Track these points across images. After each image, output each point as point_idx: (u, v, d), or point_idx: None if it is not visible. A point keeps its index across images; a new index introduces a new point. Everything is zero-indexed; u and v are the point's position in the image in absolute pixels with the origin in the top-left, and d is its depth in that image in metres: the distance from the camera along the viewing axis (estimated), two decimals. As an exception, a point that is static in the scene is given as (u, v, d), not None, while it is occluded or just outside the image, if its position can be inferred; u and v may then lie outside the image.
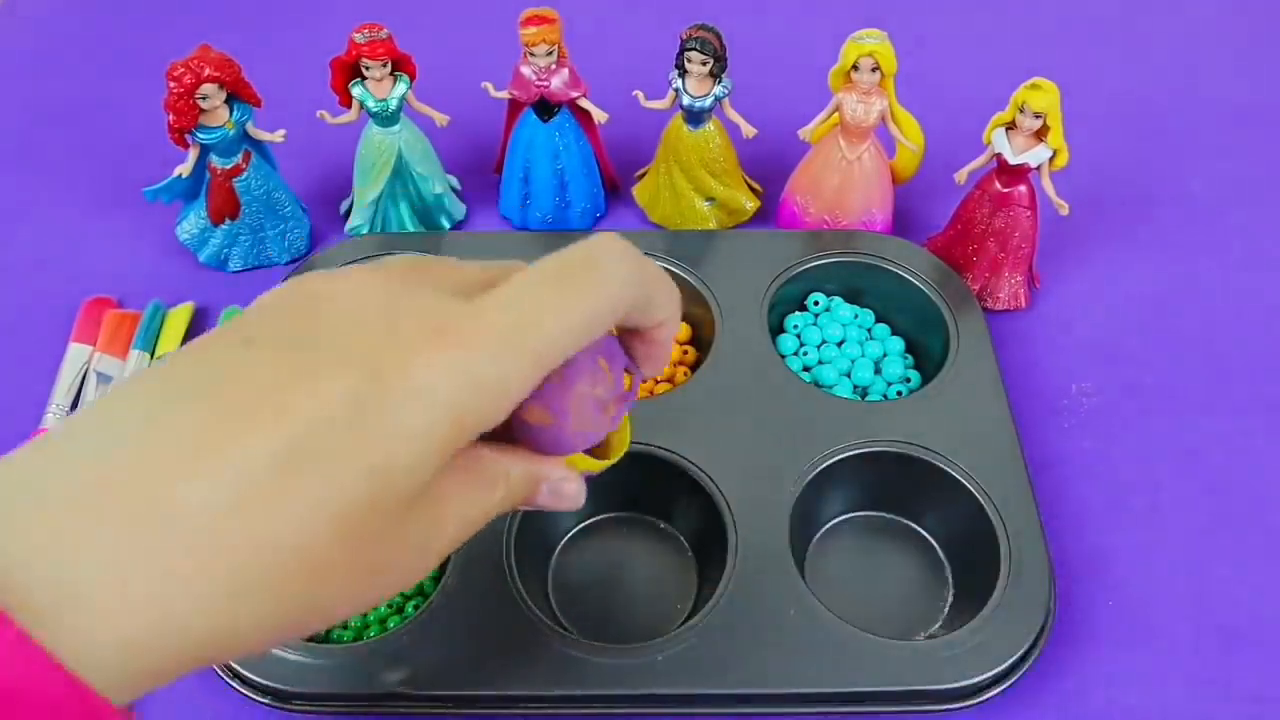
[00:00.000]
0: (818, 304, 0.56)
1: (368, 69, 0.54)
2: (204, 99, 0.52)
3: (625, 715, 0.42)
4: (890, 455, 0.47)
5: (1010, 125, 0.52)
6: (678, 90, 0.55)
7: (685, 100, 0.55)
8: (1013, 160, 0.52)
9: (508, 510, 0.28)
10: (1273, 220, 0.63)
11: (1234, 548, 0.48)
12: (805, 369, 0.53)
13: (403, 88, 0.55)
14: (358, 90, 0.55)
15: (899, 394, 0.52)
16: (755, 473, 0.46)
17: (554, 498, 0.29)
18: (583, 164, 0.59)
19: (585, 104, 0.57)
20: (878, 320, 0.56)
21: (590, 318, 0.26)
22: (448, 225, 0.61)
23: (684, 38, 0.54)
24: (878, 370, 0.53)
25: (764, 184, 0.62)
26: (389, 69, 0.55)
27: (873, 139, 0.56)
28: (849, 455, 0.47)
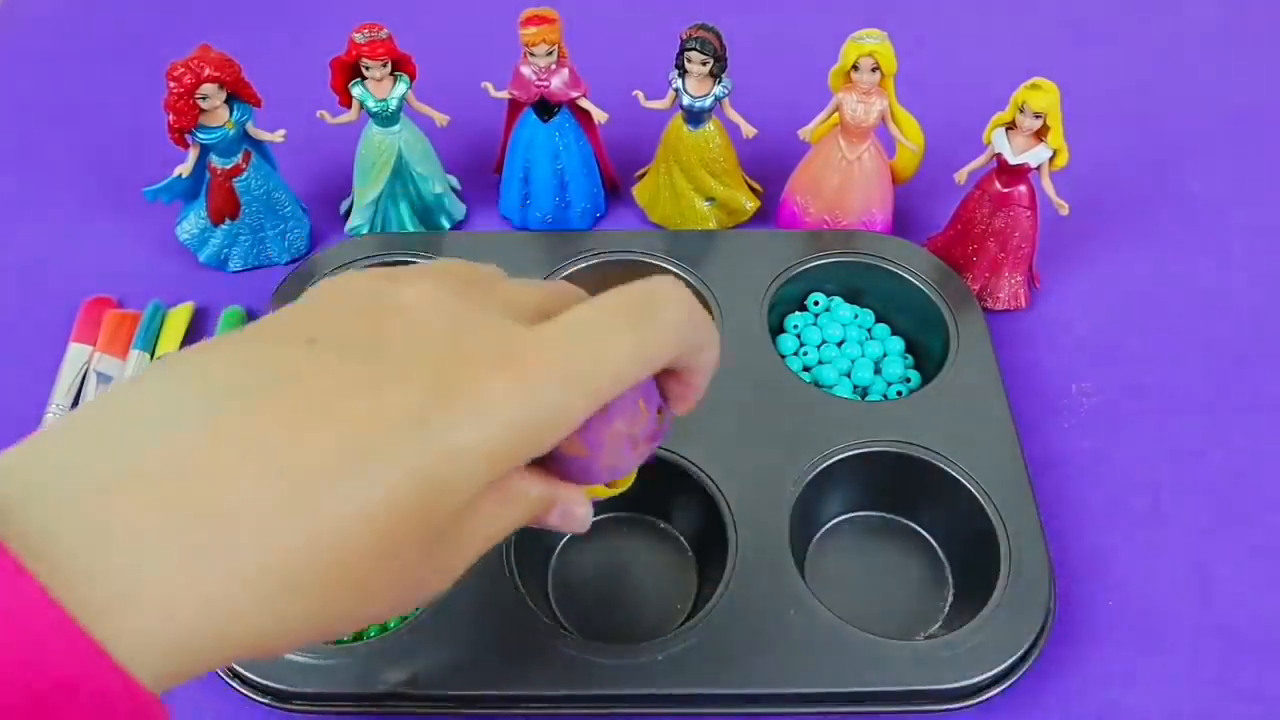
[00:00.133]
0: (818, 304, 0.56)
1: (368, 69, 0.54)
2: (204, 99, 0.52)
3: (625, 715, 0.41)
4: (890, 455, 0.47)
5: (1010, 125, 0.52)
6: (678, 90, 0.55)
7: (685, 100, 0.55)
8: (1013, 160, 0.52)
9: (520, 527, 0.29)
10: (1273, 220, 0.63)
11: (1234, 548, 0.48)
12: (805, 369, 0.53)
13: (403, 88, 0.55)
14: (358, 90, 0.55)
15: (899, 394, 0.52)
16: (755, 473, 0.46)
17: (564, 519, 0.29)
18: (583, 164, 0.59)
19: (585, 104, 0.57)
20: (878, 320, 0.56)
21: (648, 359, 0.27)
22: (448, 225, 0.61)
23: (684, 38, 0.54)
24: (878, 370, 0.53)
25: (764, 184, 0.62)
26: (389, 69, 0.55)
27: (873, 139, 0.56)
28: (849, 455, 0.47)
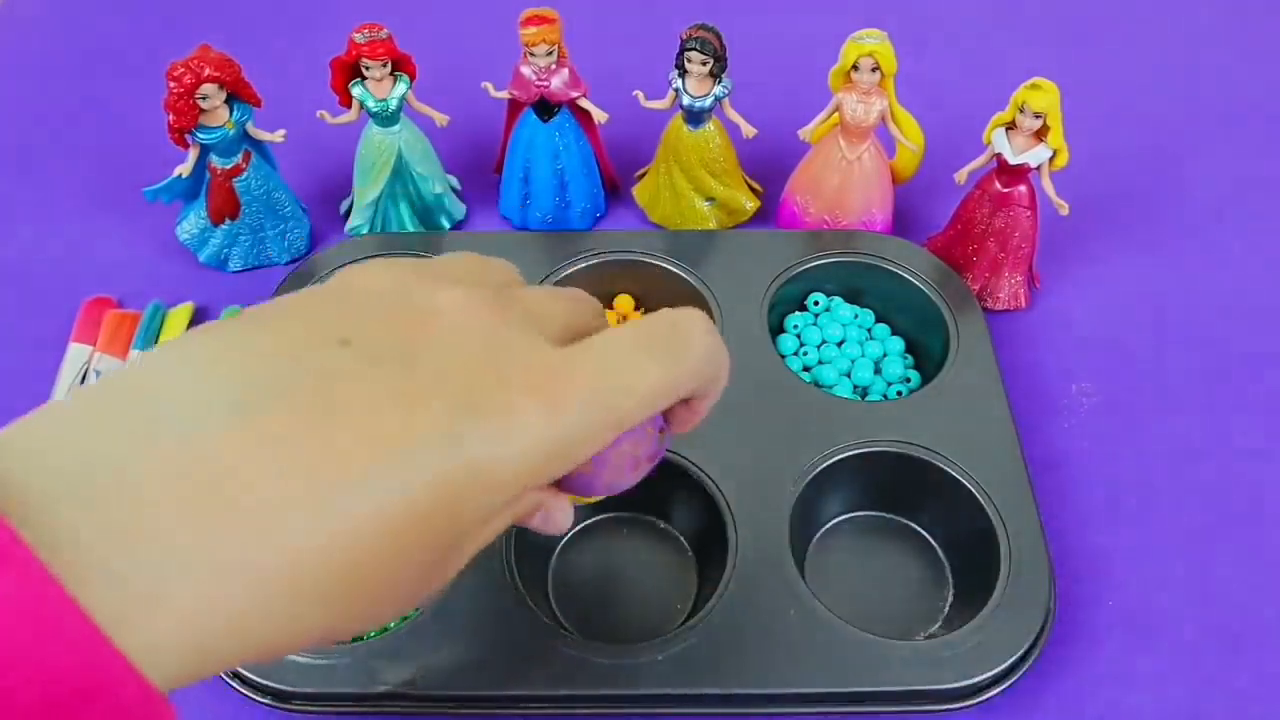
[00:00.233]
0: (818, 304, 0.56)
1: (368, 69, 0.54)
2: (204, 99, 0.52)
3: (625, 715, 0.42)
4: (890, 455, 0.47)
5: (1010, 125, 0.52)
6: (678, 90, 0.55)
7: (685, 100, 0.55)
8: (1013, 160, 0.52)
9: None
10: (1273, 220, 0.63)
11: (1234, 548, 0.48)
12: (805, 369, 0.53)
13: (403, 88, 0.55)
14: (358, 90, 0.55)
15: (899, 394, 0.52)
16: (755, 473, 0.46)
17: (545, 523, 0.29)
18: (583, 164, 0.59)
19: (585, 104, 0.57)
20: (878, 320, 0.56)
21: (673, 392, 0.28)
22: (448, 225, 0.61)
23: (684, 38, 0.54)
24: (878, 370, 0.53)
25: (764, 184, 0.62)
26: (389, 69, 0.55)
27: (873, 139, 0.56)
28: (849, 455, 0.47)
